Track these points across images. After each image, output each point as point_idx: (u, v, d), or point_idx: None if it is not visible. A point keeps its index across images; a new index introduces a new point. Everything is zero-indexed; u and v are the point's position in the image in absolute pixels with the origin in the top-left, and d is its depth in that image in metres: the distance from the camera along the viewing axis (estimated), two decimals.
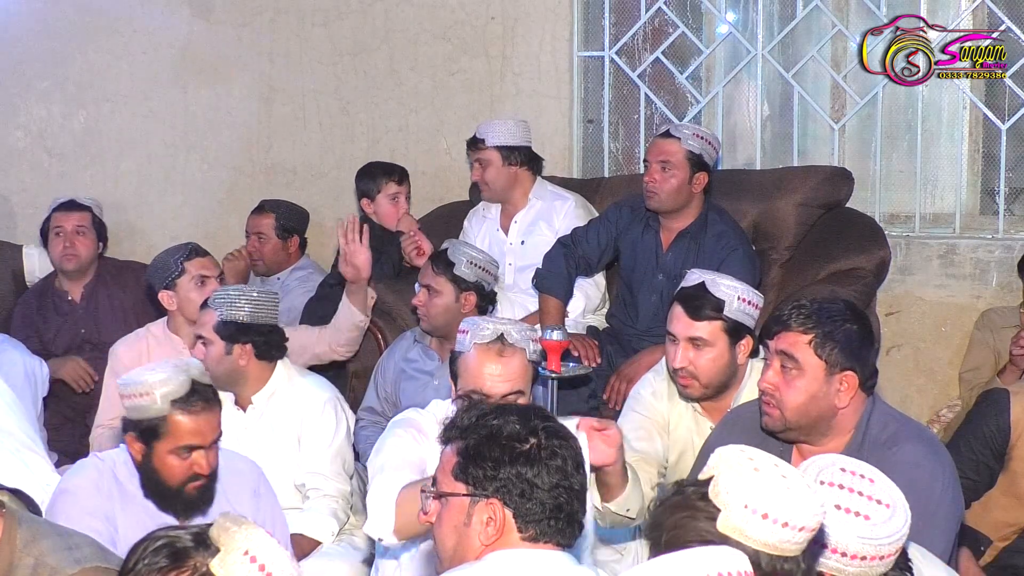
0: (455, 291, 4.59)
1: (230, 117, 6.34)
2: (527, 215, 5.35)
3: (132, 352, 4.65)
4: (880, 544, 2.22)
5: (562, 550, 2.39)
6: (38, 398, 4.82)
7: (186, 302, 4.63)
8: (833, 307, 3.17)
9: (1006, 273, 5.40)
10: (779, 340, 3.14)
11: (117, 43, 6.41)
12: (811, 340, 3.09)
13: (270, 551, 2.07)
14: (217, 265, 4.81)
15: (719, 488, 2.06)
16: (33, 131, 6.55)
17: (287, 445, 4.11)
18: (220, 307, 4.10)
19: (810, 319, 3.11)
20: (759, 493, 2.04)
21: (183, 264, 4.65)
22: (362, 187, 5.56)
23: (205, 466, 3.29)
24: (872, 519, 2.23)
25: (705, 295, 3.68)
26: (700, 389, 3.69)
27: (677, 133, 4.87)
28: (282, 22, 6.22)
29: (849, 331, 3.10)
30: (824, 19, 5.68)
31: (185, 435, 3.26)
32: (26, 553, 2.59)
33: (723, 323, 3.65)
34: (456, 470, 2.39)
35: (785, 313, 3.16)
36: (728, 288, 3.67)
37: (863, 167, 5.67)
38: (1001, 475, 3.97)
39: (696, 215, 4.89)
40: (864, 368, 3.11)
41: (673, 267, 4.88)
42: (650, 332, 4.95)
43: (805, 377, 3.09)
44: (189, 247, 4.74)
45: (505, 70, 5.97)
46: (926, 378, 5.52)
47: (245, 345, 4.09)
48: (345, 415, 4.23)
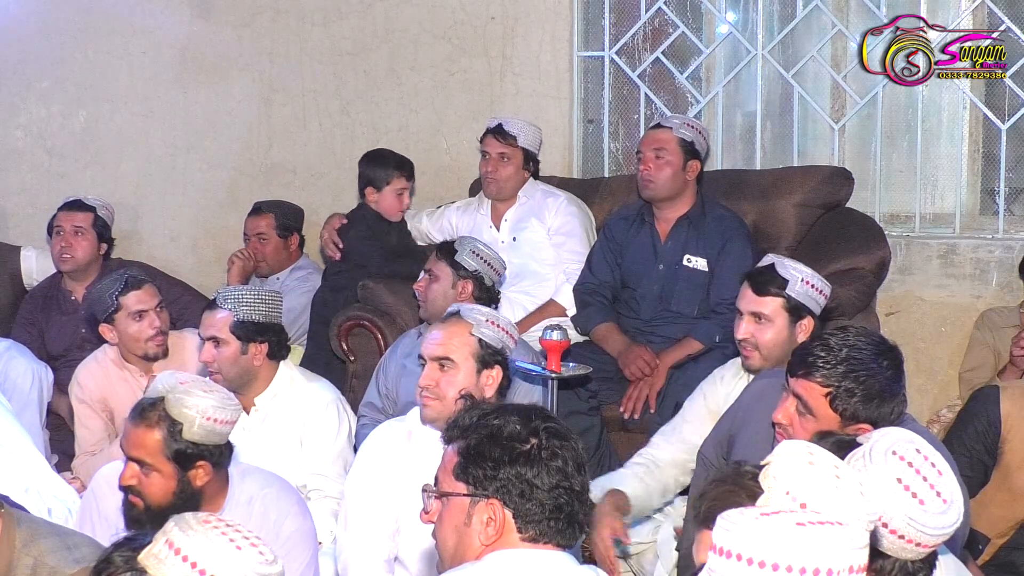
0: (453, 277, 4.60)
1: (230, 117, 6.34)
2: (516, 211, 5.39)
3: (93, 379, 4.60)
4: (923, 531, 2.21)
5: (563, 550, 2.39)
6: (44, 404, 4.84)
7: (126, 336, 4.55)
8: (860, 356, 3.01)
9: (1006, 273, 5.40)
10: (796, 383, 3.07)
11: (117, 43, 6.41)
12: (828, 394, 3.01)
13: (199, 545, 2.07)
14: (156, 293, 4.62)
15: (770, 472, 2.06)
16: (33, 131, 6.55)
17: (289, 446, 4.11)
18: (235, 307, 4.06)
19: (832, 373, 3.00)
20: (805, 484, 2.03)
21: (118, 299, 4.53)
22: (370, 175, 5.53)
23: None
24: (926, 506, 2.22)
25: (772, 273, 3.85)
26: (760, 361, 3.83)
27: (668, 123, 5.03)
28: (282, 22, 6.22)
29: (871, 388, 2.99)
30: (824, 19, 5.68)
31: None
32: (25, 553, 2.59)
33: (785, 301, 3.82)
34: (457, 470, 2.39)
35: (811, 356, 3.05)
36: (795, 271, 3.85)
37: (863, 167, 5.67)
38: (995, 471, 4.00)
39: (692, 203, 5.00)
40: (884, 420, 2.98)
41: (673, 255, 4.96)
42: (653, 323, 4.97)
43: (818, 424, 3.00)
44: (124, 279, 4.58)
45: (505, 70, 5.96)
46: (926, 378, 5.52)
47: (261, 344, 4.08)
48: (347, 416, 4.23)
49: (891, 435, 2.30)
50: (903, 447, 2.27)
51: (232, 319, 4.06)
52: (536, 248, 5.32)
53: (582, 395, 4.76)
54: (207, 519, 2.13)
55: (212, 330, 4.09)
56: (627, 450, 4.88)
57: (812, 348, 3.08)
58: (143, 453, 3.11)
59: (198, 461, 3.12)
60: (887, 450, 2.24)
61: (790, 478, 2.02)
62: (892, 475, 2.21)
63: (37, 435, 4.53)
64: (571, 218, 5.33)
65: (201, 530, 2.09)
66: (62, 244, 5.46)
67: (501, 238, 5.36)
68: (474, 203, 5.54)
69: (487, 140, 5.40)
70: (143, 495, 3.13)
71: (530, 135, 5.40)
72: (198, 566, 2.06)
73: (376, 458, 3.52)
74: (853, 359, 3.00)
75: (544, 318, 5.09)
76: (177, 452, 3.09)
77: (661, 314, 4.98)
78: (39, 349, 5.31)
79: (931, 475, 2.26)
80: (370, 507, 3.47)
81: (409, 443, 3.49)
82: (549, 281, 5.29)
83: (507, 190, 5.38)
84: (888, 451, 2.24)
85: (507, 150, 5.35)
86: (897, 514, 2.20)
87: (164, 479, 3.11)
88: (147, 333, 4.53)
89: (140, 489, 3.13)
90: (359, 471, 3.54)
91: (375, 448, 3.55)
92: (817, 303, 3.87)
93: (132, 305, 4.53)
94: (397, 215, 5.54)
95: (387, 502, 3.45)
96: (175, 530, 2.09)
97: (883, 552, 2.23)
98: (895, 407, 3.03)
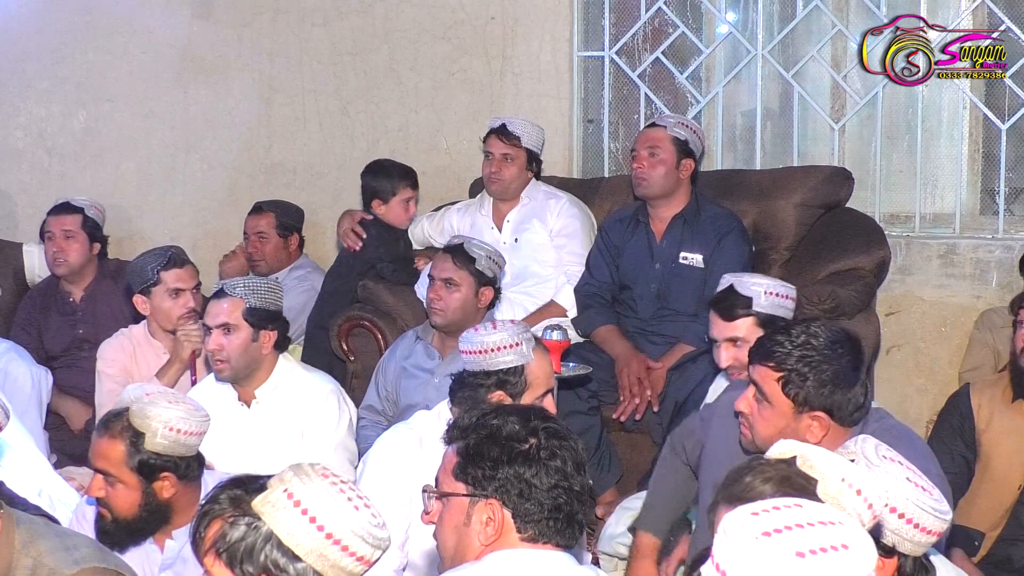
0: (475, 285, 4.58)
1: (230, 117, 6.34)
2: (519, 213, 5.38)
3: (118, 354, 4.66)
4: (928, 514, 2.24)
5: (562, 550, 2.39)
6: (44, 406, 4.85)
7: (159, 311, 4.61)
8: (816, 343, 2.99)
9: (1006, 273, 5.40)
10: (753, 370, 3.08)
11: (117, 43, 6.41)
12: (780, 378, 2.99)
13: (318, 498, 2.05)
14: (195, 275, 4.70)
15: (811, 463, 2.10)
16: (33, 131, 6.55)
17: (291, 438, 4.10)
18: (246, 294, 4.06)
19: (786, 358, 2.99)
20: (854, 472, 2.09)
21: (159, 274, 4.59)
22: (375, 187, 5.47)
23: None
24: (932, 494, 2.26)
25: (733, 296, 3.83)
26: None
27: (662, 122, 5.05)
28: (282, 22, 6.22)
29: (823, 373, 2.96)
30: (824, 19, 5.68)
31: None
32: (24, 554, 2.58)
33: (755, 318, 3.80)
34: (456, 470, 2.39)
35: (768, 342, 3.07)
36: (755, 286, 3.83)
37: (863, 167, 5.67)
38: (977, 464, 4.10)
39: (686, 201, 5.01)
40: (840, 408, 2.98)
41: (669, 253, 4.97)
42: (652, 322, 4.97)
43: (774, 411, 3.02)
44: (169, 255, 4.65)
45: (505, 70, 5.96)
46: (926, 378, 5.52)
47: (271, 332, 4.08)
48: (348, 407, 4.22)
49: (867, 442, 2.33)
50: (885, 450, 2.32)
51: (244, 305, 4.05)
52: (538, 249, 5.32)
53: (582, 395, 4.76)
54: (325, 472, 2.10)
55: (222, 316, 4.05)
56: (627, 450, 4.90)
57: (771, 336, 3.10)
58: (107, 464, 3.12)
59: (162, 472, 3.11)
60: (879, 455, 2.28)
61: (835, 466, 2.05)
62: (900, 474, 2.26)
63: (38, 437, 4.55)
64: (573, 220, 5.32)
65: (320, 483, 2.07)
66: (54, 249, 5.45)
67: (503, 239, 5.35)
68: (475, 204, 5.54)
69: (490, 140, 5.38)
70: (110, 507, 3.14)
71: (533, 135, 5.39)
72: (317, 520, 2.04)
73: (387, 467, 3.48)
74: (807, 344, 3.00)
75: (544, 319, 5.08)
76: (140, 463, 3.09)
77: (660, 313, 4.99)
78: (37, 350, 5.31)
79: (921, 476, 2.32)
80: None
81: (420, 451, 3.45)
82: (550, 282, 5.29)
83: (511, 190, 5.37)
84: (875, 455, 2.28)
85: (510, 150, 5.34)
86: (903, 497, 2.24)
87: (128, 491, 3.11)
88: (179, 312, 4.58)
89: (107, 501, 3.14)
90: (369, 479, 3.49)
91: (385, 457, 3.51)
92: (787, 309, 3.85)
93: (171, 282, 4.59)
94: (406, 224, 5.53)
95: (398, 512, 3.40)
96: (294, 480, 2.07)
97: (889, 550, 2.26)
98: (852, 397, 2.98)
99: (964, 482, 4.04)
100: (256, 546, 2.05)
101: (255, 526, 2.05)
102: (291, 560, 2.04)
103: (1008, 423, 4.03)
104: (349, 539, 2.06)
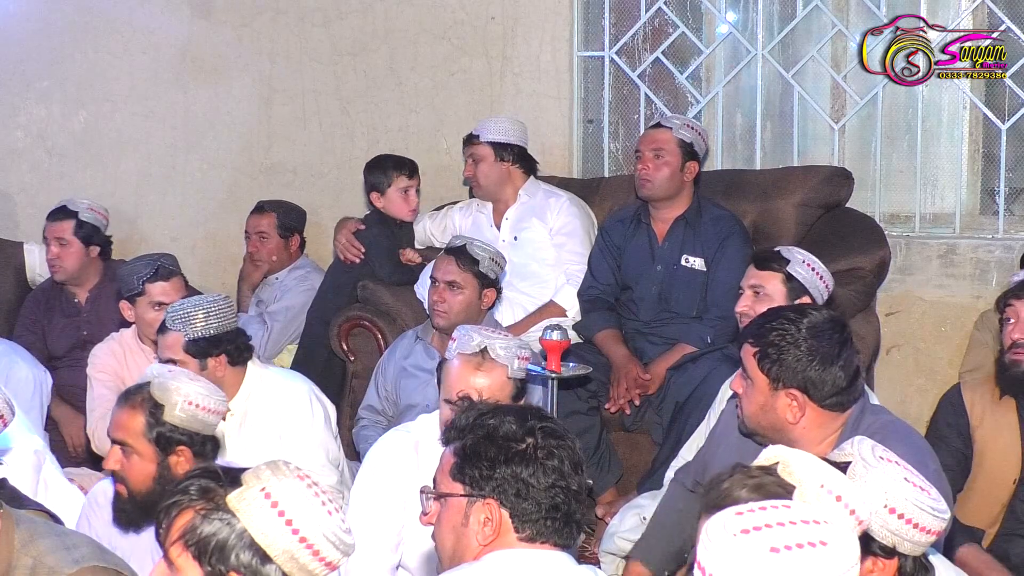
0: (479, 287, 4.58)
1: (230, 117, 6.34)
2: (517, 211, 5.36)
3: (109, 359, 4.64)
4: (927, 514, 2.24)
5: (561, 550, 2.39)
6: (44, 408, 4.85)
7: (141, 321, 4.59)
8: (797, 321, 3.07)
9: (1006, 273, 5.39)
10: (741, 349, 3.19)
11: (117, 43, 6.41)
12: (755, 353, 3.09)
13: (294, 500, 2.05)
14: (182, 288, 4.64)
15: (791, 470, 2.08)
16: (33, 131, 6.55)
17: (270, 443, 4.08)
18: (183, 327, 4.00)
19: (763, 335, 3.09)
20: (832, 477, 2.07)
21: (144, 285, 4.55)
22: (372, 180, 5.48)
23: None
24: (930, 494, 2.27)
25: (774, 252, 3.98)
26: None
27: (668, 124, 5.02)
28: (282, 22, 6.22)
29: (798, 349, 3.03)
30: (824, 19, 5.68)
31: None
32: (24, 553, 2.58)
33: (784, 276, 3.90)
34: (454, 470, 2.39)
35: (754, 321, 3.21)
36: (799, 253, 3.96)
37: (863, 167, 5.67)
38: (972, 461, 4.11)
39: (688, 204, 5.00)
40: (816, 387, 3.04)
41: (670, 256, 4.96)
42: (653, 324, 4.96)
43: (754, 388, 3.11)
44: (156, 266, 4.59)
45: (505, 70, 5.96)
46: (926, 378, 5.52)
47: (219, 357, 4.03)
48: (322, 405, 4.19)
49: (864, 442, 2.34)
50: (882, 450, 2.32)
51: (183, 339, 4.00)
52: (537, 248, 5.31)
53: (582, 395, 4.76)
54: (300, 473, 2.10)
55: (168, 352, 4.03)
56: (627, 450, 4.90)
57: (760, 315, 3.23)
58: (125, 434, 3.18)
59: (179, 446, 3.18)
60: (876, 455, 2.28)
61: (814, 472, 2.05)
62: (899, 476, 2.25)
63: (41, 438, 4.55)
64: (573, 219, 5.31)
65: (296, 484, 2.07)
66: (50, 256, 5.46)
67: (502, 237, 5.34)
68: (475, 203, 5.52)
69: (464, 148, 5.41)
70: (125, 480, 3.20)
71: (494, 128, 5.32)
72: (293, 523, 2.05)
73: (382, 469, 3.49)
74: (786, 320, 3.09)
75: (544, 319, 5.08)
76: (159, 435, 3.17)
77: (660, 315, 4.97)
78: (41, 351, 5.31)
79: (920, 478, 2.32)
80: (375, 518, 3.43)
81: (416, 455, 3.46)
82: (549, 282, 5.27)
83: (490, 189, 5.34)
84: (872, 455, 2.28)
85: (474, 150, 5.33)
86: (902, 498, 2.23)
87: (144, 462, 3.17)
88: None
89: (122, 473, 3.20)
90: (364, 481, 3.50)
91: (381, 459, 3.51)
92: (818, 290, 3.93)
93: (156, 295, 4.55)
94: (408, 214, 5.49)
95: (392, 513, 3.42)
96: (272, 479, 2.06)
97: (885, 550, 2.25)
98: (829, 377, 3.04)
99: (960, 478, 4.05)
100: (229, 543, 2.04)
101: (229, 523, 2.05)
102: (261, 561, 2.04)
103: (1000, 419, 4.05)
104: (320, 543, 2.06)
